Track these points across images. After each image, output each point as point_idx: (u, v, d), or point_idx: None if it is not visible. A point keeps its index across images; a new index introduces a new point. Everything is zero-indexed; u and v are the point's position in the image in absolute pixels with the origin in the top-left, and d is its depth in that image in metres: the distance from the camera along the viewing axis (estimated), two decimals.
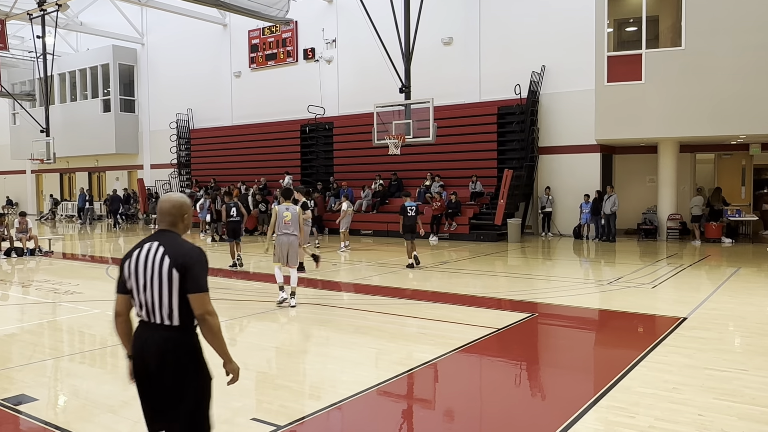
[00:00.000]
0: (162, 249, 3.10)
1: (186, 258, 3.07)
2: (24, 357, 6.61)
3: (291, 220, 9.02)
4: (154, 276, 3.07)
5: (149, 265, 3.09)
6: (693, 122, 15.52)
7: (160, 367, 3.08)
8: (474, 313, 8.57)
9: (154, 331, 3.10)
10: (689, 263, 13.14)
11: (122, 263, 3.20)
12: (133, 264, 3.14)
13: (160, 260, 3.07)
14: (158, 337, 3.09)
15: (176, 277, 3.05)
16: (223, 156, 26.91)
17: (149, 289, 3.08)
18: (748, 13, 14.77)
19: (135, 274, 3.12)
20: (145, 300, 3.10)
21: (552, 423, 4.57)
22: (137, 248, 3.18)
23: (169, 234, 3.20)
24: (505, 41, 20.00)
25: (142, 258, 3.12)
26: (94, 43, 31.14)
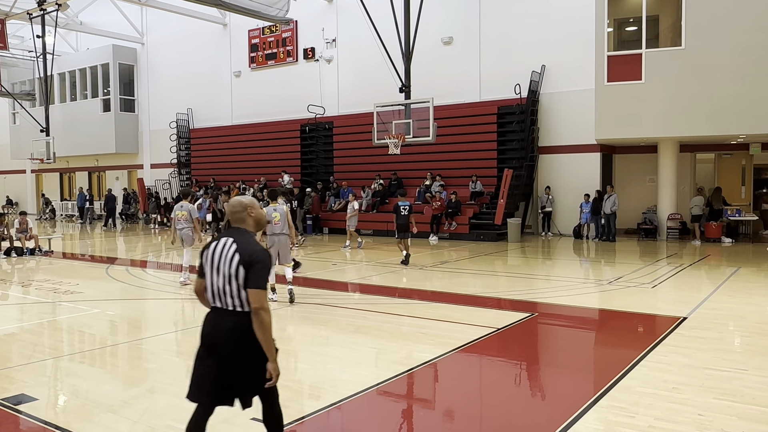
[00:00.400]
0: (235, 246, 3.50)
1: (252, 257, 3.45)
2: (24, 357, 6.61)
3: (279, 220, 9.24)
4: (225, 268, 3.48)
5: (223, 258, 3.50)
6: (693, 122, 15.52)
7: (231, 348, 3.45)
8: (474, 312, 8.57)
9: (225, 316, 3.51)
10: (689, 263, 13.14)
11: (202, 252, 3.67)
12: (209, 255, 3.57)
13: (231, 255, 3.48)
14: (228, 322, 3.49)
15: (242, 272, 3.45)
16: (223, 156, 26.92)
17: (221, 279, 3.50)
18: (748, 13, 14.76)
19: (210, 263, 3.56)
20: (217, 287, 3.53)
21: (552, 423, 4.57)
22: (215, 241, 3.60)
23: (241, 231, 3.60)
24: (505, 41, 20.00)
25: (218, 250, 3.54)
26: (94, 43, 31.14)
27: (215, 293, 3.54)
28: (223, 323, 3.51)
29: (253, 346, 3.46)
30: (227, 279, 3.48)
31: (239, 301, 3.48)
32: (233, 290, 3.47)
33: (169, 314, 9.32)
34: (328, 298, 9.84)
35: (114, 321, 8.44)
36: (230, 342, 3.46)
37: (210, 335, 3.55)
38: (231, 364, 3.45)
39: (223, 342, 3.47)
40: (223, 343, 3.47)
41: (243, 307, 3.48)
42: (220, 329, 3.51)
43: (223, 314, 3.53)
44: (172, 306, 9.94)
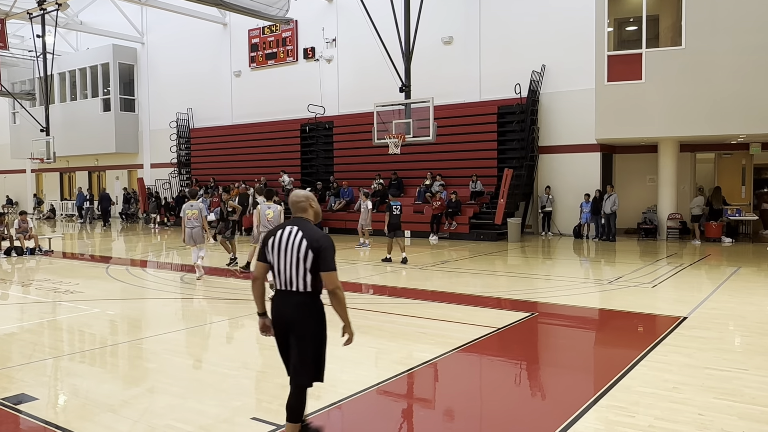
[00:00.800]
0: (301, 233, 3.87)
1: (320, 242, 3.85)
2: (24, 356, 6.61)
3: (273, 218, 9.76)
4: (293, 254, 3.85)
5: (290, 244, 3.87)
6: (693, 122, 15.51)
7: (296, 323, 3.91)
8: (474, 312, 8.57)
9: (291, 296, 3.92)
10: (689, 263, 13.14)
11: (266, 239, 3.99)
12: (276, 241, 3.92)
13: (299, 242, 3.85)
14: (295, 301, 3.92)
15: (311, 256, 3.82)
16: (223, 155, 26.91)
17: (289, 264, 3.87)
18: (748, 13, 14.76)
19: (277, 250, 3.92)
20: (283, 271, 3.90)
21: (552, 422, 4.57)
22: (280, 229, 3.98)
23: (304, 221, 3.98)
24: (505, 40, 19.99)
25: (285, 238, 3.91)
26: (94, 43, 31.13)
27: (282, 277, 3.92)
28: (290, 302, 3.92)
29: (314, 325, 3.93)
30: (295, 263, 3.85)
31: (304, 283, 3.88)
32: (300, 274, 3.86)
33: (169, 314, 9.32)
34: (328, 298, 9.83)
35: (114, 320, 8.44)
36: (295, 320, 3.91)
37: (281, 315, 3.96)
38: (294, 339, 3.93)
39: (292, 319, 3.91)
40: (292, 321, 3.91)
41: (307, 288, 3.88)
42: (288, 308, 3.93)
43: (289, 295, 3.92)
44: (172, 305, 9.94)
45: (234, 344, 7.18)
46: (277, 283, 3.96)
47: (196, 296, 10.55)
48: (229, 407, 4.97)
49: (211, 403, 5.07)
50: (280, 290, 3.97)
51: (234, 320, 8.34)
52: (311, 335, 3.94)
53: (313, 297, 3.93)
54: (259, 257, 4.03)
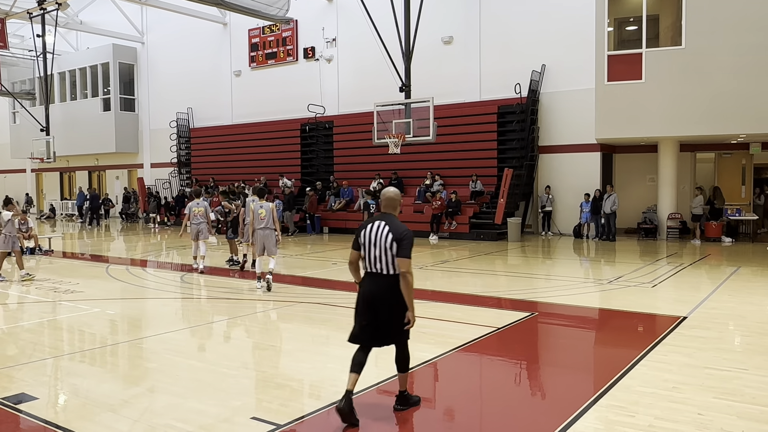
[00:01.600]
0: (387, 227, 4.64)
1: (402, 234, 4.60)
2: (24, 356, 6.61)
3: (265, 216, 10.21)
4: (380, 243, 4.61)
5: (378, 235, 4.63)
6: (693, 121, 15.51)
7: (382, 301, 4.65)
8: (474, 312, 8.57)
9: (380, 278, 4.67)
10: (689, 262, 13.14)
11: (359, 231, 4.78)
12: (366, 233, 4.70)
13: (385, 234, 4.61)
14: (381, 282, 4.65)
15: (395, 246, 4.57)
16: (223, 155, 26.92)
17: (376, 251, 4.63)
18: (748, 13, 14.75)
19: (368, 239, 4.68)
20: (373, 257, 4.66)
21: (552, 422, 4.57)
22: (369, 223, 4.74)
23: (390, 216, 4.74)
24: (505, 40, 19.99)
25: (374, 230, 4.67)
26: (94, 42, 31.13)
27: (372, 262, 4.68)
28: (379, 283, 4.66)
29: (399, 300, 4.63)
30: (383, 251, 4.61)
31: (390, 267, 4.62)
32: (387, 259, 4.61)
33: (169, 313, 9.31)
34: (328, 298, 9.84)
35: (114, 320, 8.44)
36: (384, 296, 4.63)
37: (369, 293, 4.70)
38: (384, 315, 4.64)
39: (379, 297, 4.65)
40: (379, 298, 4.65)
41: (392, 271, 4.63)
42: (376, 287, 4.67)
43: (378, 277, 4.67)
44: (173, 305, 9.94)
45: (234, 344, 7.18)
46: (368, 266, 4.73)
47: (196, 296, 10.55)
48: (229, 407, 4.97)
49: (211, 402, 5.07)
50: (369, 272, 4.74)
51: (234, 320, 8.34)
52: (396, 309, 4.66)
53: (397, 279, 4.63)
54: (353, 246, 4.82)
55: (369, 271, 4.73)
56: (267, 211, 10.20)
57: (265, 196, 10.77)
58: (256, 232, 10.25)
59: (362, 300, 4.76)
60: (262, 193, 10.66)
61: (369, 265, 4.71)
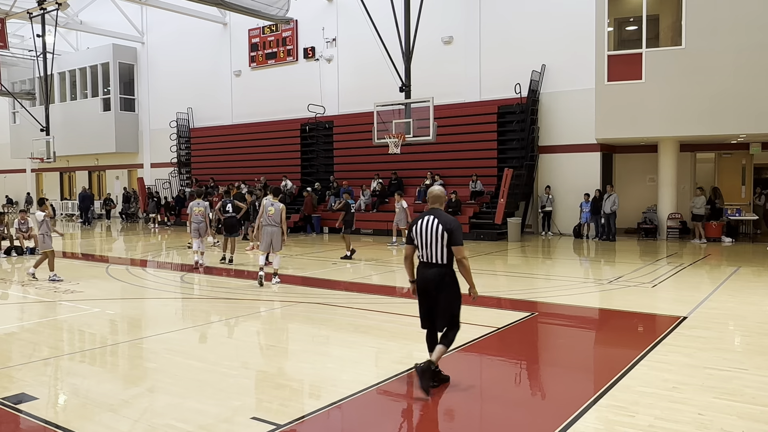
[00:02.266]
0: (437, 220, 5.21)
1: (451, 225, 5.19)
2: (24, 356, 6.61)
3: (273, 214, 10.72)
4: (432, 235, 5.19)
5: (429, 228, 5.21)
6: (693, 121, 15.51)
7: (436, 287, 5.23)
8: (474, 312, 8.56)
9: (432, 267, 5.25)
10: (689, 262, 13.14)
11: (411, 226, 5.38)
12: (418, 227, 5.28)
13: (436, 226, 5.19)
14: (435, 271, 5.25)
15: (445, 236, 5.14)
16: (223, 155, 26.92)
17: (429, 243, 5.21)
18: (748, 12, 14.75)
19: (420, 233, 5.26)
20: (426, 249, 5.24)
21: (552, 422, 4.57)
22: (420, 218, 5.32)
23: (438, 210, 5.33)
24: (505, 40, 19.99)
25: (425, 224, 5.25)
26: (94, 42, 31.13)
27: (426, 252, 5.25)
28: (431, 271, 5.24)
29: (452, 287, 5.26)
30: (435, 242, 5.18)
31: (441, 256, 5.19)
32: (438, 249, 5.19)
33: (169, 314, 9.31)
34: (328, 298, 9.84)
35: (114, 320, 8.44)
36: (437, 284, 5.23)
37: (424, 280, 5.29)
38: (436, 299, 5.23)
39: (432, 285, 5.23)
40: (432, 285, 5.24)
41: (443, 260, 5.20)
42: (429, 275, 5.25)
43: (431, 266, 5.25)
44: (173, 305, 9.94)
45: (234, 344, 7.18)
46: (422, 257, 5.29)
47: (196, 296, 10.56)
48: (229, 407, 4.97)
49: (211, 402, 5.07)
50: (423, 262, 5.31)
51: (234, 320, 8.34)
52: (449, 294, 5.25)
53: (449, 267, 5.25)
54: (407, 241, 5.44)
55: (423, 261, 5.33)
56: (276, 210, 10.72)
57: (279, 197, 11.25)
58: (263, 228, 10.77)
59: (420, 288, 5.37)
60: (277, 193, 11.22)
61: (423, 255, 5.31)
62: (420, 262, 5.36)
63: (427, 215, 5.30)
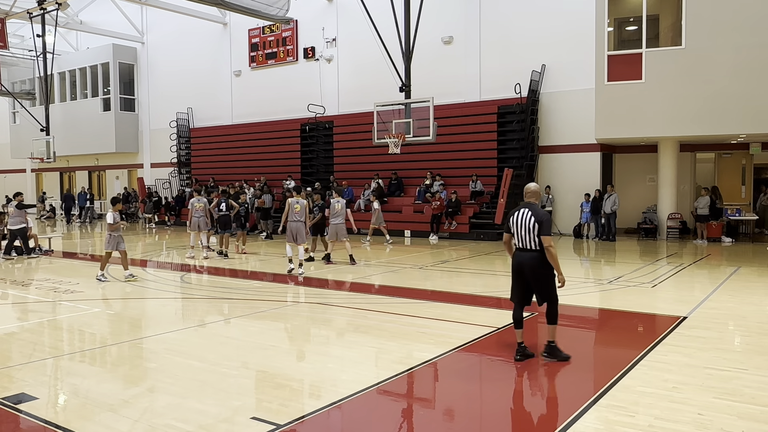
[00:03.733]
0: (530, 212, 6.06)
1: (542, 218, 6.00)
2: (24, 356, 6.61)
3: (299, 211, 11.93)
4: (526, 225, 6.04)
5: (523, 219, 6.07)
6: (693, 121, 15.51)
7: (531, 269, 6.08)
8: (474, 312, 8.57)
9: (526, 252, 6.10)
10: (689, 262, 13.14)
11: (508, 217, 6.23)
12: (515, 218, 6.14)
13: (529, 218, 6.03)
14: (528, 256, 6.08)
15: (536, 227, 5.98)
16: (223, 155, 26.92)
17: (523, 232, 6.06)
18: (748, 13, 14.75)
19: (516, 223, 6.12)
20: (521, 237, 6.10)
21: (552, 422, 4.58)
22: (516, 211, 6.18)
23: (532, 204, 6.15)
24: (505, 40, 19.99)
25: (520, 216, 6.10)
26: (94, 42, 31.13)
27: (521, 240, 6.09)
28: (526, 256, 6.09)
29: (543, 268, 6.04)
30: (528, 231, 6.02)
31: (533, 244, 6.01)
32: (531, 237, 6.02)
33: (169, 314, 9.31)
34: (328, 298, 9.84)
35: (114, 320, 8.44)
36: (530, 267, 6.06)
37: (519, 263, 6.13)
38: (531, 279, 6.09)
39: (527, 267, 6.08)
40: (527, 268, 6.08)
41: (536, 247, 6.01)
42: (524, 260, 6.08)
43: (525, 252, 6.10)
44: (173, 305, 9.94)
45: (234, 344, 7.18)
46: (517, 243, 6.16)
47: (196, 296, 10.56)
48: (229, 407, 4.97)
49: (211, 402, 5.07)
50: (519, 248, 6.15)
51: (234, 320, 8.34)
52: (542, 276, 6.07)
53: (541, 252, 6.01)
54: (505, 230, 6.32)
55: (518, 246, 6.15)
56: (301, 207, 11.94)
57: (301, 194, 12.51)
58: (289, 223, 11.91)
59: (514, 269, 6.19)
60: (299, 191, 12.62)
61: (518, 242, 6.13)
62: (516, 248, 6.20)
63: (522, 208, 6.13)
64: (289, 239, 12.06)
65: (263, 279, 11.97)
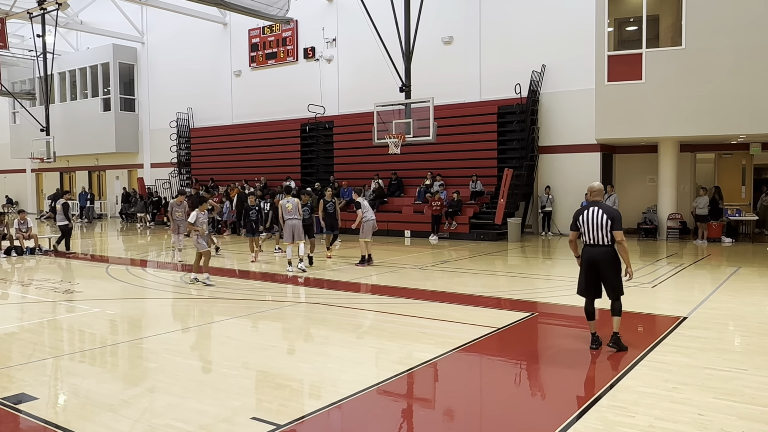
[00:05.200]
0: (601, 210, 6.40)
1: (613, 214, 6.39)
2: (24, 356, 6.61)
3: (292, 209, 12.02)
4: (597, 222, 6.38)
5: (594, 217, 6.40)
6: (693, 121, 15.51)
7: (603, 264, 6.39)
8: (474, 312, 8.57)
9: (599, 247, 6.41)
10: (689, 263, 13.14)
11: (578, 215, 6.56)
12: (585, 217, 6.45)
13: (601, 215, 6.38)
14: (601, 251, 6.39)
15: (608, 223, 6.33)
16: (223, 155, 26.92)
17: (595, 228, 6.39)
18: (748, 12, 14.75)
19: (587, 221, 6.44)
20: (593, 234, 6.41)
21: (552, 422, 4.57)
22: (585, 209, 6.50)
23: (599, 202, 6.51)
24: (505, 40, 19.99)
25: (590, 214, 6.42)
26: (94, 42, 31.13)
27: (593, 237, 6.39)
28: (597, 251, 6.41)
29: (615, 263, 6.41)
30: (600, 228, 6.37)
31: (606, 239, 6.35)
32: (603, 233, 6.35)
33: (169, 314, 9.31)
34: (328, 298, 9.84)
35: (114, 320, 8.44)
36: (604, 261, 6.38)
37: (592, 258, 6.43)
38: (604, 273, 6.41)
39: (600, 261, 6.39)
40: (600, 262, 6.39)
41: (608, 242, 6.36)
42: (596, 255, 6.40)
43: (597, 247, 6.41)
44: (173, 305, 9.94)
45: (234, 344, 7.18)
46: (588, 240, 6.44)
47: (196, 296, 10.55)
48: (229, 407, 4.97)
49: (211, 402, 5.07)
50: (590, 244, 6.45)
51: (234, 320, 8.33)
52: (615, 269, 6.41)
53: (612, 247, 6.38)
54: (572, 228, 6.63)
55: (590, 243, 6.45)
56: (293, 205, 12.02)
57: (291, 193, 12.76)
58: (286, 222, 12.05)
59: (586, 264, 6.47)
60: (289, 190, 12.82)
61: (589, 238, 6.43)
62: (586, 244, 6.49)
63: (591, 206, 6.48)
64: (287, 239, 12.09)
65: (264, 279, 11.96)
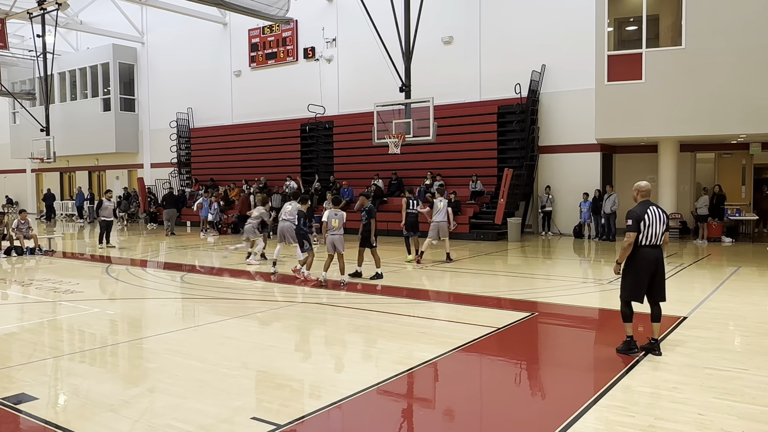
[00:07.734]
0: (659, 209, 6.32)
1: (667, 214, 6.41)
2: (24, 356, 6.61)
3: (290, 211, 11.99)
4: (660, 221, 6.26)
5: (657, 216, 6.26)
6: (693, 121, 15.50)
7: (661, 265, 6.33)
8: (474, 312, 8.57)
9: (656, 248, 6.30)
10: (689, 262, 13.14)
11: (641, 216, 6.24)
12: (650, 216, 6.23)
13: (660, 214, 6.28)
14: (658, 251, 6.32)
15: (667, 222, 6.34)
16: (223, 155, 26.92)
17: (657, 228, 6.24)
18: (748, 13, 14.74)
19: (652, 221, 6.23)
20: (656, 234, 6.25)
21: (552, 422, 4.57)
22: (645, 210, 6.27)
23: (650, 202, 6.38)
24: (505, 40, 19.99)
25: (654, 214, 6.26)
26: (94, 42, 31.13)
27: (655, 237, 6.26)
28: (656, 251, 6.30)
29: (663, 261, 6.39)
30: (660, 227, 6.26)
31: (660, 239, 6.28)
32: (661, 233, 6.27)
33: (169, 314, 9.31)
34: (329, 298, 9.84)
35: (114, 320, 8.44)
36: (661, 261, 6.32)
37: (656, 258, 6.27)
38: (661, 274, 6.33)
39: (660, 261, 6.31)
40: (660, 262, 6.31)
41: (660, 241, 6.29)
42: (659, 255, 6.31)
43: (655, 247, 6.28)
44: (172, 305, 9.94)
45: (234, 344, 7.18)
46: (649, 240, 6.25)
47: (196, 296, 10.55)
48: (229, 407, 4.97)
49: (211, 403, 5.07)
50: (651, 245, 6.27)
51: (234, 320, 8.33)
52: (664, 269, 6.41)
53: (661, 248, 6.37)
54: (634, 229, 6.27)
55: (650, 244, 6.25)
56: (292, 208, 11.97)
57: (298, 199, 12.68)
58: (280, 223, 12.03)
59: (647, 265, 6.25)
60: (296, 196, 13.04)
61: (651, 239, 6.25)
62: (644, 245, 6.24)
63: (650, 206, 6.31)
64: (279, 240, 12.25)
65: (264, 279, 11.96)
